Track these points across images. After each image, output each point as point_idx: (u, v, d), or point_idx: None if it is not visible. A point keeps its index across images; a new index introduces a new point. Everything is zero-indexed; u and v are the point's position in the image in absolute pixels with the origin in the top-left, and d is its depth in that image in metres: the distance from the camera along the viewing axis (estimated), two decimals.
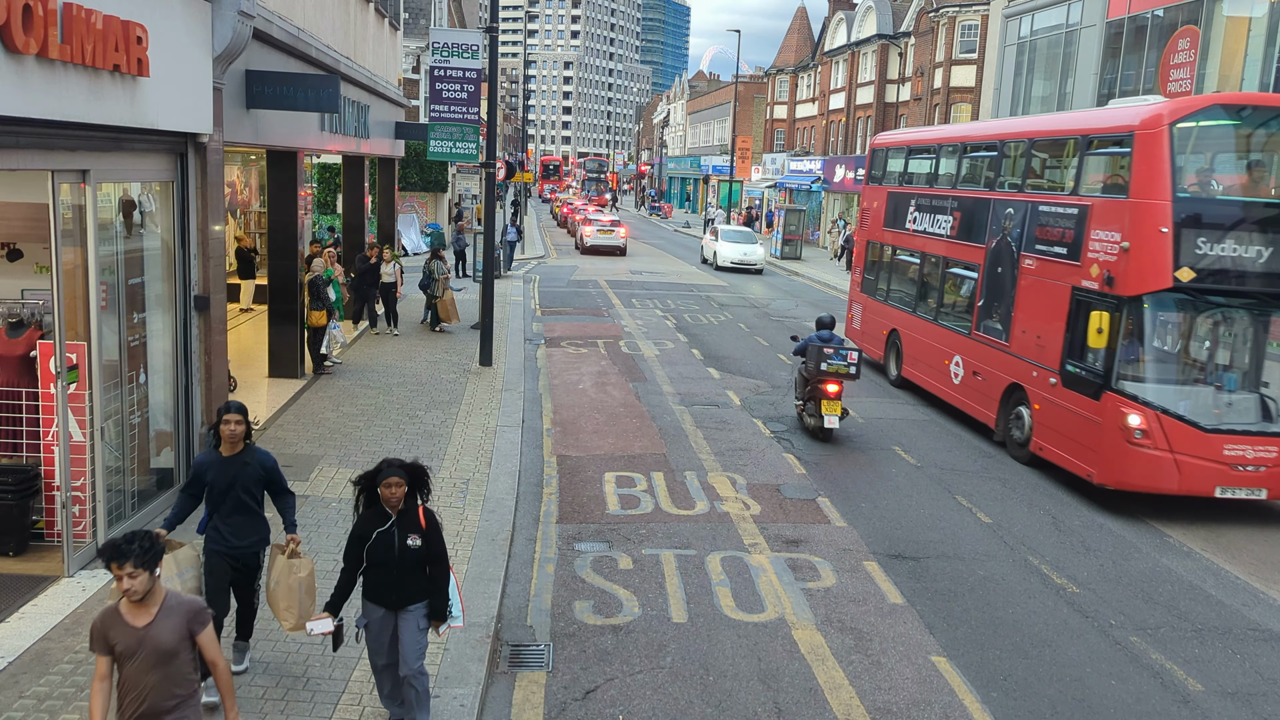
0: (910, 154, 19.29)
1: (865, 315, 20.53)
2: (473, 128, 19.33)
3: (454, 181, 45.37)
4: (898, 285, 19.02)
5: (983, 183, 16.04)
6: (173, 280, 10.12)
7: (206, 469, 6.84)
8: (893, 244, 19.06)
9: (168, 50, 8.95)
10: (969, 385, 15.58)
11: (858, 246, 21.31)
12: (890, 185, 19.53)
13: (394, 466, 6.25)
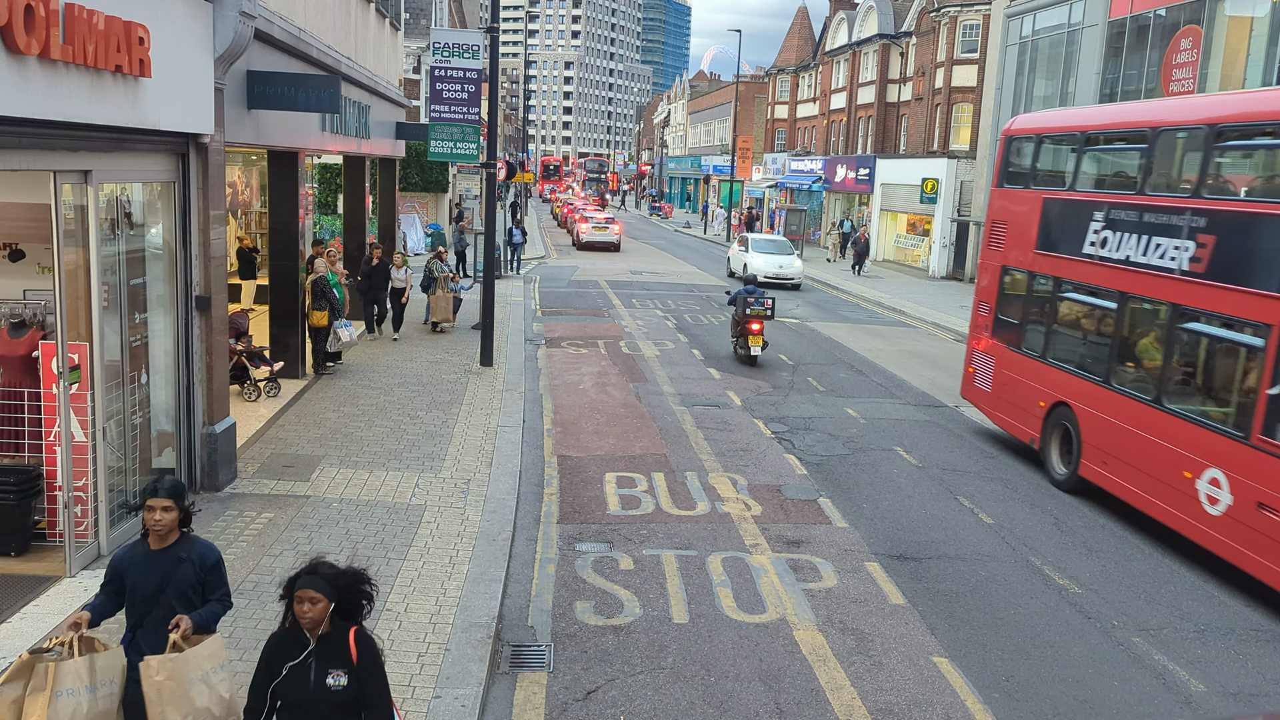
0: (1091, 143, 13.29)
1: (1002, 373, 14.58)
2: (473, 128, 19.33)
3: (454, 182, 45.39)
4: (1071, 338, 13.33)
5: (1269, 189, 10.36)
6: (174, 280, 10.12)
7: (127, 568, 5.37)
8: (1057, 275, 13.30)
9: (169, 51, 8.95)
10: (1244, 522, 9.75)
11: (985, 274, 15.34)
12: (1049, 189, 13.87)
13: (313, 574, 4.69)
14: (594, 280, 34.34)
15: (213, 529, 9.53)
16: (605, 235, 46.42)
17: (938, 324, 26.77)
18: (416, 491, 10.99)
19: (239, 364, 14.25)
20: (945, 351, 22.78)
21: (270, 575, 8.56)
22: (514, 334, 21.37)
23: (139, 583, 5.32)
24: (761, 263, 33.78)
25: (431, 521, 10.11)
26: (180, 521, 5.36)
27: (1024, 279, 14.27)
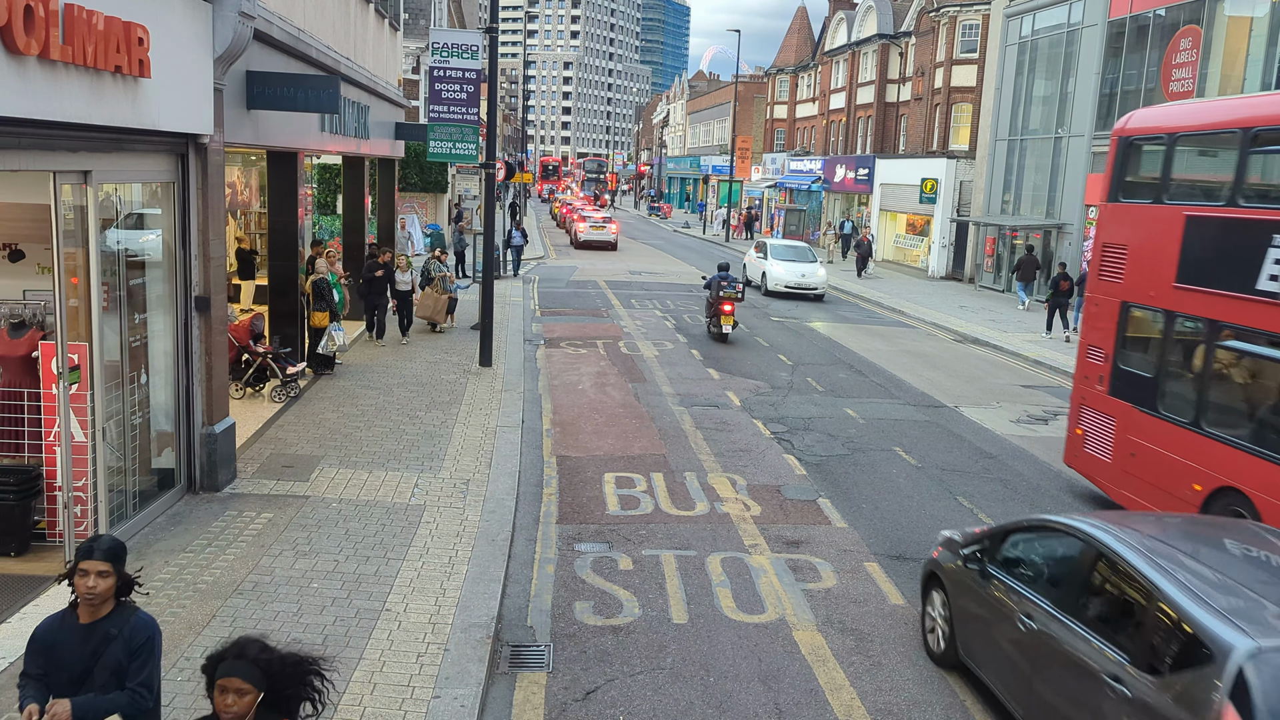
0: (1264, 142, 10.01)
1: (1130, 441, 11.44)
2: (472, 128, 19.33)
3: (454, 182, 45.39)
4: (1242, 402, 10.36)
5: None
6: (174, 281, 10.13)
7: (50, 645, 4.56)
8: (1213, 318, 10.28)
9: (169, 51, 8.96)
10: None
11: (1097, 312, 12.31)
12: (1193, 203, 10.98)
13: (240, 658, 3.82)
14: (593, 280, 34.34)
15: (212, 529, 9.54)
16: (602, 234, 47.60)
17: (937, 324, 26.78)
18: (416, 492, 11.00)
19: (262, 365, 14.34)
20: (945, 351, 22.79)
21: (270, 575, 8.56)
22: (513, 334, 21.37)
23: (63, 664, 4.46)
24: (782, 271, 31.20)
25: (431, 522, 10.11)
26: (118, 590, 4.49)
27: (1158, 320, 11.27)
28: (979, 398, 18.01)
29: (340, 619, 7.86)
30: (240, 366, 14.48)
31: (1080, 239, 30.22)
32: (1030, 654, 6.64)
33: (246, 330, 14.54)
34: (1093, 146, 29.57)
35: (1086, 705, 5.95)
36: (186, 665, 7.02)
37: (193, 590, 8.20)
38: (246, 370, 14.48)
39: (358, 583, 8.56)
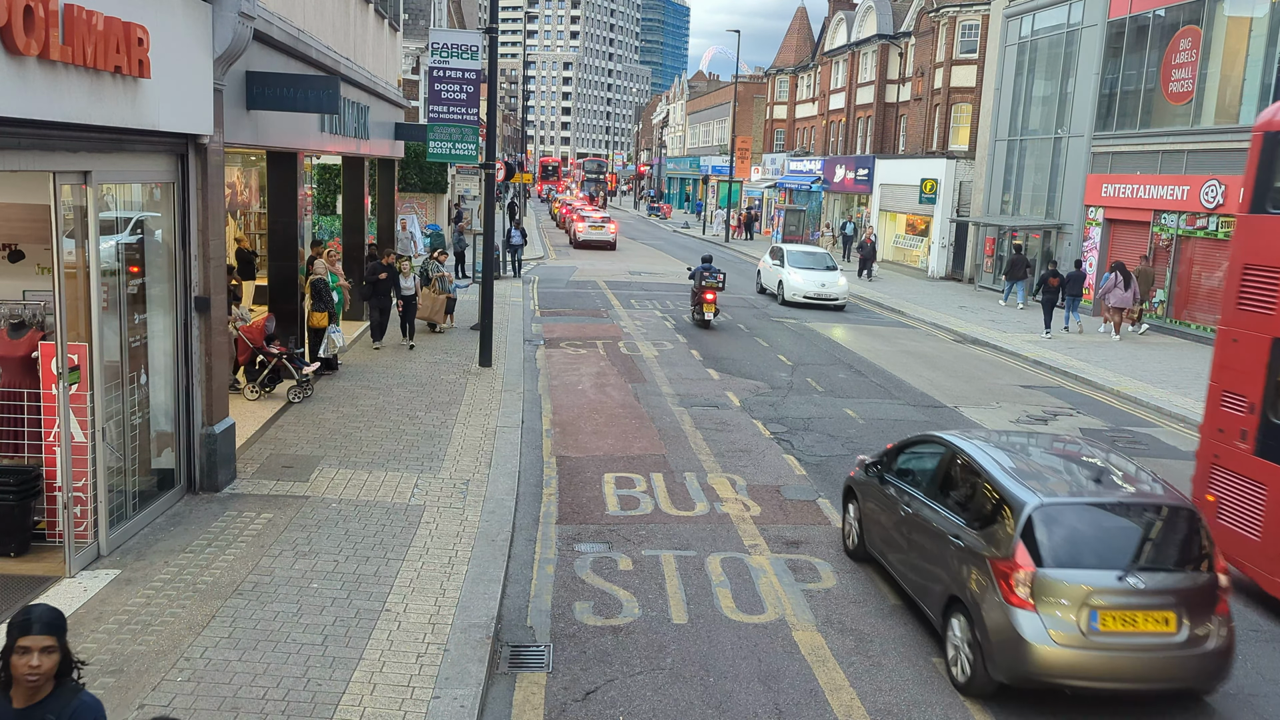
0: None
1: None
2: (472, 129, 19.32)
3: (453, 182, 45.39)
4: None
5: None
6: (173, 281, 10.13)
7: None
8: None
9: (168, 51, 8.96)
10: None
11: (1235, 349, 10.00)
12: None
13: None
14: (592, 280, 34.33)
15: (212, 529, 9.54)
16: (601, 234, 48.29)
17: (937, 324, 26.78)
18: (415, 492, 11.00)
19: (278, 366, 14.42)
20: (944, 352, 22.79)
21: (269, 576, 8.57)
22: (513, 335, 21.37)
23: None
24: (800, 280, 29.19)
25: (430, 522, 10.11)
26: (60, 668, 3.95)
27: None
28: (979, 398, 18.01)
29: (340, 619, 7.86)
30: (255, 368, 14.56)
31: (1080, 239, 30.23)
32: (908, 532, 8.88)
33: (261, 331, 14.60)
34: (1092, 147, 29.59)
35: (938, 558, 8.22)
36: (186, 665, 7.02)
37: (192, 590, 8.20)
38: (261, 371, 14.55)
39: (357, 583, 8.56)
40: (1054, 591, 7.15)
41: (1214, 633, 7.28)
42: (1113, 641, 7.09)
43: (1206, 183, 24.45)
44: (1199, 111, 25.37)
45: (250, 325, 14.51)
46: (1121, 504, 7.76)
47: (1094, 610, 7.09)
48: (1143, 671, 7.18)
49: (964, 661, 7.66)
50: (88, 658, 7.00)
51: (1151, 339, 25.31)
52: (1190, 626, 7.20)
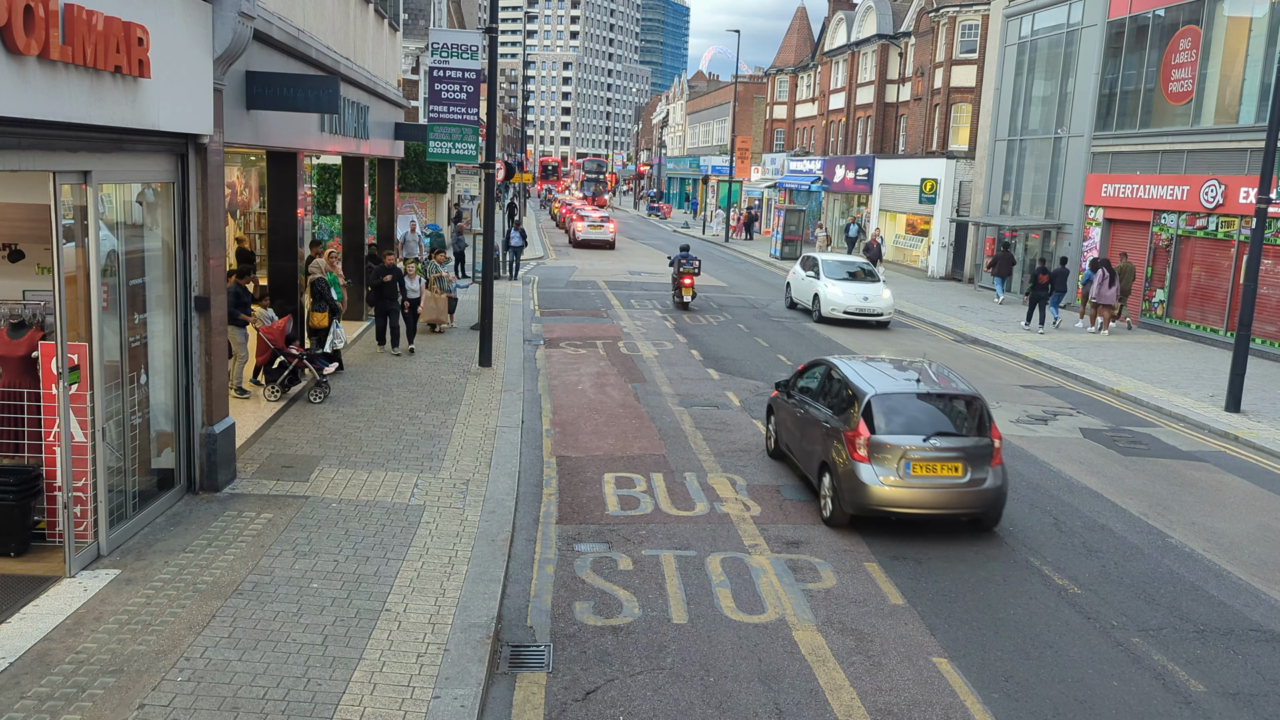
0: None
1: None
2: (472, 128, 19.32)
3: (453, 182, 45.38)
4: None
5: None
6: (173, 281, 10.12)
7: None
8: None
9: (168, 51, 8.96)
10: None
11: None
12: None
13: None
14: (592, 280, 34.33)
15: (212, 529, 9.54)
16: (600, 234, 48.87)
17: (937, 324, 26.78)
18: (415, 492, 11.00)
19: (298, 366, 14.55)
20: (944, 352, 22.78)
21: (269, 576, 8.57)
22: (513, 334, 21.37)
23: None
24: (839, 294, 25.56)
25: (430, 522, 10.11)
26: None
27: None
28: None
29: (340, 619, 7.86)
30: (275, 368, 14.62)
31: (1080, 239, 30.23)
32: (800, 427, 12.36)
33: (282, 332, 14.67)
34: (1092, 147, 29.59)
35: (817, 439, 11.70)
36: (186, 665, 7.02)
37: (192, 590, 8.20)
38: (281, 372, 14.61)
39: (357, 583, 8.56)
40: (881, 449, 10.63)
41: (989, 477, 10.76)
42: (920, 482, 10.60)
43: (1206, 183, 24.46)
44: (1199, 111, 25.37)
45: (271, 326, 14.57)
46: (929, 393, 11.21)
47: (908, 461, 10.59)
48: (940, 502, 10.67)
49: (828, 503, 11.22)
50: (85, 659, 7.02)
51: (1151, 338, 25.30)
52: (972, 472, 10.69)
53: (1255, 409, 17.39)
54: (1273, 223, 21.95)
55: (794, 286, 28.48)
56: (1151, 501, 12.52)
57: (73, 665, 6.93)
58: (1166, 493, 12.91)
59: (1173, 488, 13.15)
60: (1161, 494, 12.85)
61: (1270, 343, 22.74)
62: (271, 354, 14.51)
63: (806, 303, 27.20)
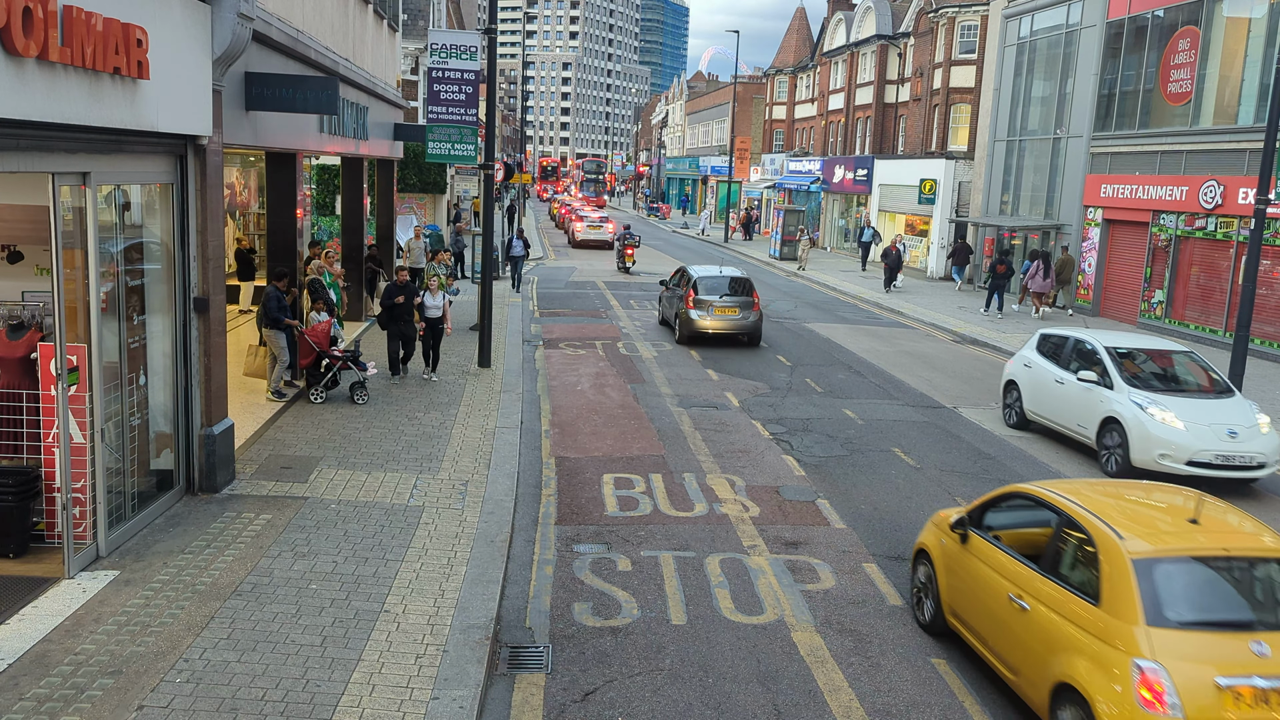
0: None
1: None
2: (471, 129, 19.32)
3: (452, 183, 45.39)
4: None
5: None
6: (172, 282, 10.13)
7: None
8: None
9: (167, 52, 8.96)
10: None
11: None
12: None
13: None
14: (591, 281, 34.32)
15: (210, 530, 9.54)
16: (600, 234, 49.27)
17: (936, 325, 26.78)
18: (414, 493, 11.00)
19: (342, 368, 14.77)
20: (944, 352, 22.79)
21: (268, 577, 8.57)
22: (512, 335, 21.37)
23: None
24: (1178, 429, 13.04)
25: (429, 523, 10.11)
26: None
27: None
28: (978, 398, 18.01)
29: (339, 620, 7.87)
30: (319, 370, 14.77)
31: (1079, 239, 30.24)
32: (672, 304, 23.57)
33: (326, 335, 14.79)
34: (1091, 147, 29.60)
35: (672, 301, 23.26)
36: (185, 667, 7.02)
37: (191, 591, 8.20)
38: (326, 374, 14.76)
39: (356, 584, 8.56)
40: (701, 305, 21.40)
41: (753, 316, 21.77)
42: (717, 317, 21.52)
43: (1205, 183, 24.47)
44: (1198, 112, 25.39)
45: (314, 328, 14.67)
46: (721, 275, 22.24)
47: (712, 308, 21.51)
48: (730, 329, 21.74)
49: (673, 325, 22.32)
50: (84, 660, 7.02)
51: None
52: (744, 314, 21.70)
53: None
54: (1271, 223, 21.97)
55: (1033, 388, 15.64)
56: None
57: (71, 666, 6.93)
58: None
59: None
60: None
61: (1269, 343, 22.76)
62: (316, 356, 14.66)
63: (1086, 435, 14.27)
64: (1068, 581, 6.89)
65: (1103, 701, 6.15)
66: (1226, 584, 6.70)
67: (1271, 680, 5.98)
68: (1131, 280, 28.00)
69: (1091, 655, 6.39)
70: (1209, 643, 6.21)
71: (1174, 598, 6.38)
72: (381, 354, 17.34)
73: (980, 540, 7.97)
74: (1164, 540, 6.69)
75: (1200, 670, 6.02)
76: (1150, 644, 6.12)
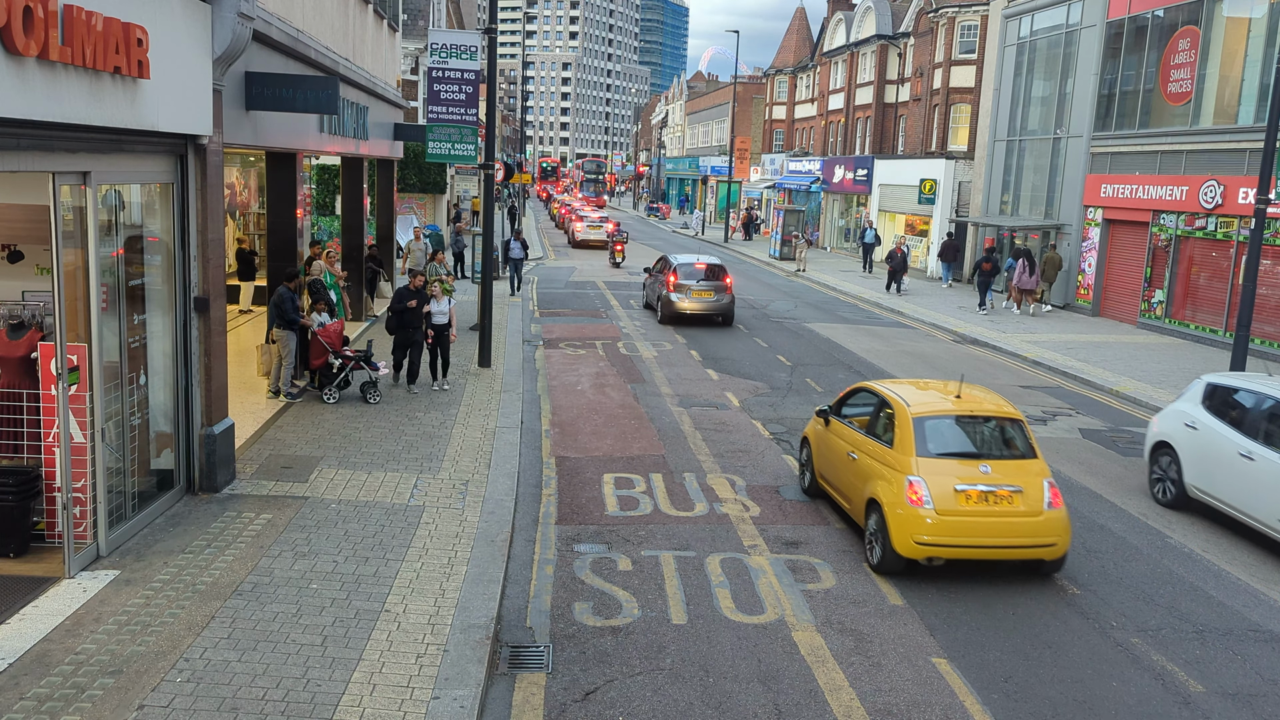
0: None
1: None
2: (471, 129, 19.33)
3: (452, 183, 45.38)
4: None
5: None
6: (173, 282, 10.12)
7: None
8: None
9: (168, 52, 8.96)
10: None
11: None
12: None
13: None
14: (591, 281, 34.32)
15: (211, 530, 9.53)
16: (599, 234, 49.25)
17: (936, 325, 26.78)
18: (415, 493, 11.00)
19: (354, 369, 14.78)
20: (944, 352, 22.79)
21: (269, 576, 8.56)
22: (512, 335, 21.37)
23: None
24: None
25: (430, 522, 10.11)
26: None
27: None
28: None
29: (339, 620, 7.86)
30: (332, 371, 14.80)
31: (1079, 239, 30.24)
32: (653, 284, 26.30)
33: (339, 335, 14.83)
34: (1091, 147, 29.60)
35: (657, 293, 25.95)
36: (186, 666, 7.02)
37: (192, 591, 8.20)
38: (338, 375, 14.78)
39: (357, 584, 8.56)
40: (681, 287, 24.53)
41: (725, 298, 24.83)
42: (694, 300, 24.50)
43: (1205, 183, 24.46)
44: (1198, 112, 25.38)
45: (327, 329, 14.70)
46: (698, 263, 25.46)
47: (686, 290, 24.53)
48: (705, 310, 24.61)
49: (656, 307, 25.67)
50: (85, 660, 7.01)
51: (1150, 338, 25.31)
52: (718, 296, 24.67)
53: None
54: (1271, 223, 21.96)
55: (1200, 457, 11.89)
56: (1151, 502, 12.52)
57: (72, 666, 6.93)
58: None
59: None
60: None
61: (1269, 343, 22.75)
62: (327, 356, 14.70)
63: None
64: (879, 437, 10.35)
65: (889, 505, 9.66)
66: (967, 432, 10.21)
67: (990, 486, 9.52)
68: (1132, 280, 28.00)
69: (886, 478, 9.88)
70: (952, 465, 9.71)
71: (934, 439, 9.88)
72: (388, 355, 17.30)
73: (836, 422, 11.45)
74: (933, 407, 10.24)
75: (945, 480, 9.53)
76: (917, 467, 9.63)
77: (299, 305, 14.41)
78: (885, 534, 9.64)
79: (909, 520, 9.44)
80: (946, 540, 9.43)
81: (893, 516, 9.54)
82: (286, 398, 14.47)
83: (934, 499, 9.39)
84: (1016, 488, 9.52)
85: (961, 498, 9.43)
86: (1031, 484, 9.60)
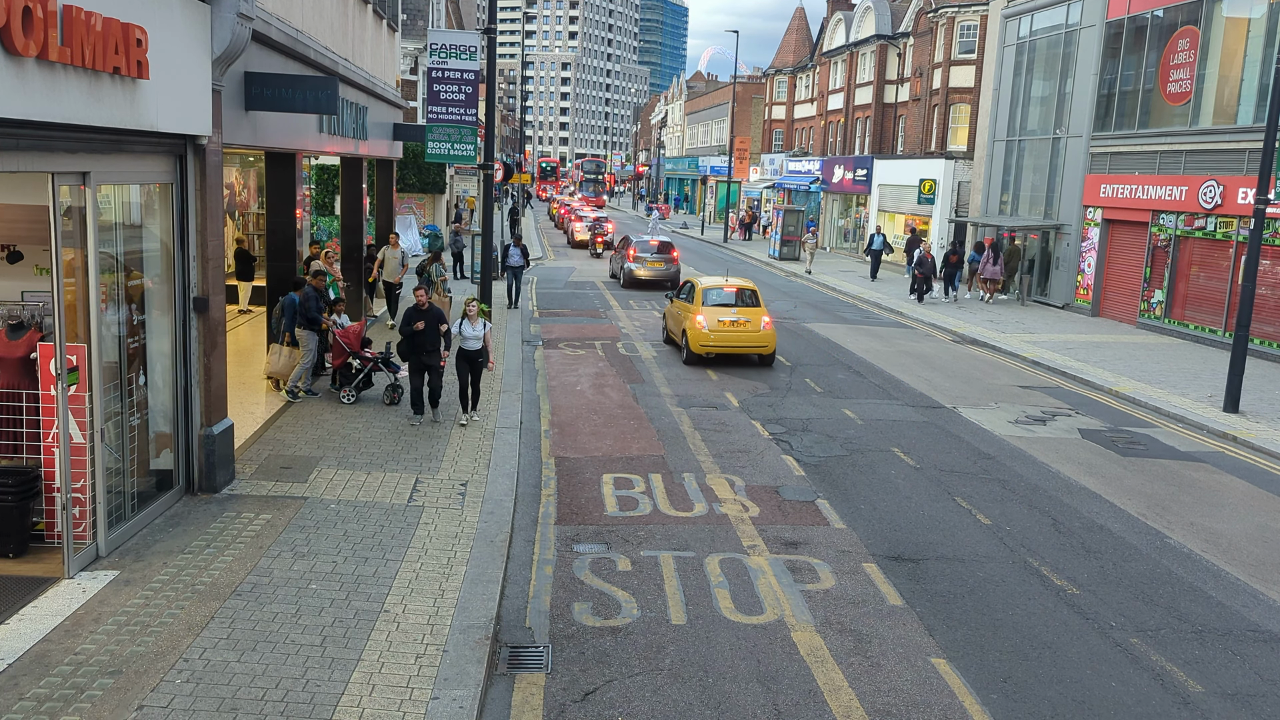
0: None
1: None
2: (470, 129, 19.34)
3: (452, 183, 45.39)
4: None
5: None
6: (172, 282, 10.12)
7: None
8: None
9: (167, 52, 8.96)
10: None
11: None
12: None
13: None
14: (591, 281, 34.32)
15: (210, 530, 9.53)
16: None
17: (935, 324, 26.79)
18: (414, 493, 11.00)
19: (374, 369, 14.91)
20: (943, 352, 22.80)
21: (268, 577, 8.57)
22: (511, 335, 21.37)
23: None
24: None
25: (429, 523, 10.11)
26: None
27: None
28: (977, 398, 18.02)
29: (339, 620, 7.87)
30: (351, 372, 14.88)
31: (1078, 239, 30.25)
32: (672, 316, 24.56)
33: (358, 336, 14.88)
34: (1091, 147, 29.61)
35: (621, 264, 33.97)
36: (185, 666, 7.02)
37: (191, 591, 8.20)
38: (357, 375, 14.86)
39: (356, 584, 8.56)
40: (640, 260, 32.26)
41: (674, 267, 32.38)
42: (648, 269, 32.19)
43: (1205, 183, 24.47)
44: (1197, 112, 25.39)
45: (347, 330, 14.74)
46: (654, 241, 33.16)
47: (642, 261, 32.34)
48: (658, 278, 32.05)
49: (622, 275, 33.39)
50: (84, 660, 7.01)
51: (1149, 338, 25.32)
52: (668, 266, 32.24)
53: (1254, 409, 17.40)
54: (1271, 223, 21.97)
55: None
56: (1150, 502, 12.54)
57: (71, 666, 6.93)
58: (1165, 493, 12.92)
59: (1171, 488, 13.16)
60: (1160, 494, 12.86)
61: (1269, 343, 22.76)
62: (347, 357, 14.80)
63: None
64: (690, 300, 20.32)
65: (689, 331, 19.72)
66: (728, 294, 20.19)
67: (734, 318, 19.62)
68: (1131, 280, 28.01)
69: (689, 319, 19.82)
70: (719, 310, 19.77)
71: (709, 298, 20.04)
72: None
73: (673, 300, 21.58)
74: (713, 283, 20.60)
75: (714, 315, 19.65)
76: (701, 311, 19.73)
77: (321, 305, 14.48)
78: (687, 343, 19.63)
79: (697, 335, 19.41)
80: (715, 345, 19.41)
81: (691, 333, 19.51)
82: (306, 394, 14.57)
83: (708, 325, 19.34)
84: (749, 320, 19.55)
85: (725, 325, 19.40)
86: (755, 318, 19.61)
